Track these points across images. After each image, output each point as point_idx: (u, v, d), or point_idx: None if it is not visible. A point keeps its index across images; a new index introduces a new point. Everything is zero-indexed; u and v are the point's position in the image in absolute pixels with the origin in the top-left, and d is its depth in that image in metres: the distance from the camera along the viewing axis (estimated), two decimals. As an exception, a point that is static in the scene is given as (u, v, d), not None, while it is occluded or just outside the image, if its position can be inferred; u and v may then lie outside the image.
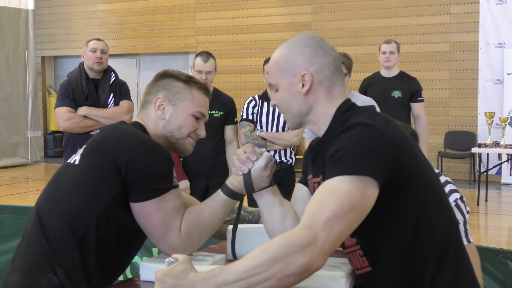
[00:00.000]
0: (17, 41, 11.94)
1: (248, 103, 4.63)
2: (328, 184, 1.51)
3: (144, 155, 1.82)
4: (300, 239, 1.41)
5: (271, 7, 11.14)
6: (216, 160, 4.53)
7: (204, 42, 11.62)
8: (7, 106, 11.72)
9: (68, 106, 4.42)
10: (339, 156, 1.51)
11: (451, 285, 1.61)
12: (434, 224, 1.61)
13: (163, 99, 2.02)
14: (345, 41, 10.36)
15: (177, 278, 1.41)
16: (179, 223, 1.87)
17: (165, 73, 2.09)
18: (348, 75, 4.17)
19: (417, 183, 1.60)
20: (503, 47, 9.38)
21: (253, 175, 1.85)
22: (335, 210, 1.45)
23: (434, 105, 9.67)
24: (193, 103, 2.03)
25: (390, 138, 1.55)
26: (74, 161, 1.91)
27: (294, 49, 1.74)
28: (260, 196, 1.88)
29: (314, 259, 1.40)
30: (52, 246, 1.80)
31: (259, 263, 1.39)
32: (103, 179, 1.81)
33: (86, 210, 1.80)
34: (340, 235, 1.46)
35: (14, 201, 7.86)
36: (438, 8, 9.89)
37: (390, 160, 1.53)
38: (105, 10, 12.84)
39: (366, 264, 1.65)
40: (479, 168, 8.07)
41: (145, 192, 1.82)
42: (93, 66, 4.48)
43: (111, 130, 1.95)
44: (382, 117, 1.63)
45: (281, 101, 1.75)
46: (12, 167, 11.63)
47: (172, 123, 2.01)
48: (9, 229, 4.44)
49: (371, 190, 1.49)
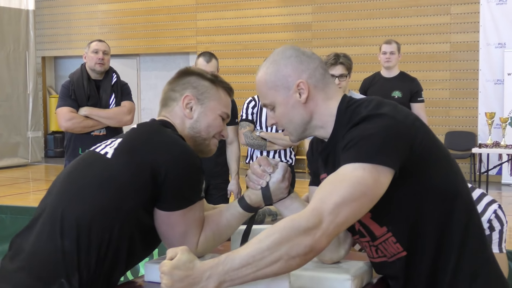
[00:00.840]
0: (18, 42, 11.94)
1: (248, 103, 4.63)
2: (340, 170, 1.52)
3: (183, 166, 1.76)
4: (306, 220, 1.43)
5: (272, 7, 11.14)
6: (216, 160, 4.54)
7: (204, 43, 11.62)
8: (8, 106, 11.72)
9: (70, 106, 4.44)
10: (352, 144, 1.53)
11: (471, 275, 1.65)
12: (457, 213, 1.64)
13: (191, 97, 1.95)
14: (346, 41, 10.36)
15: (185, 269, 1.42)
16: (199, 235, 1.84)
17: (189, 70, 2.02)
18: (348, 76, 4.17)
19: (438, 158, 1.63)
20: (504, 47, 9.38)
21: (271, 187, 1.82)
22: (344, 195, 1.46)
23: (434, 105, 9.67)
24: (220, 104, 1.99)
25: (404, 123, 1.57)
26: (106, 153, 1.81)
27: (280, 63, 1.72)
28: (282, 204, 1.87)
29: (318, 240, 1.43)
30: (68, 247, 1.68)
31: (265, 246, 1.41)
32: (136, 182, 1.73)
33: (115, 210, 1.72)
34: (347, 219, 1.48)
35: (15, 202, 7.86)
36: (438, 8, 9.89)
37: (407, 145, 1.55)
38: (106, 10, 12.84)
39: (401, 249, 1.66)
40: (480, 168, 8.07)
41: (174, 202, 1.77)
42: (95, 67, 4.51)
43: (150, 132, 1.86)
44: (390, 104, 1.64)
45: (281, 117, 1.74)
46: (12, 167, 11.62)
47: (201, 123, 1.95)
48: (9, 229, 4.44)
49: (384, 177, 1.50)
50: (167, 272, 1.42)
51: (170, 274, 1.42)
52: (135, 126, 1.94)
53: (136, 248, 1.82)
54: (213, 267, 1.41)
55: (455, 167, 1.70)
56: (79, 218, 1.71)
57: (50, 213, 1.75)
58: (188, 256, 1.44)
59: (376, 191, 1.50)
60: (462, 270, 1.64)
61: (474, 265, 1.66)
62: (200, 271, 1.42)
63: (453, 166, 1.69)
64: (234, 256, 1.42)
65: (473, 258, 1.66)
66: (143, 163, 1.75)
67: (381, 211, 1.58)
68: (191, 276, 1.41)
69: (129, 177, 1.75)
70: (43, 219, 1.77)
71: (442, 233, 1.63)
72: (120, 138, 1.88)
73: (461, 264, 1.64)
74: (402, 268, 1.69)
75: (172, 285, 1.42)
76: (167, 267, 1.43)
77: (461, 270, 1.64)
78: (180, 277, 1.41)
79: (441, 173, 1.64)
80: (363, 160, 1.49)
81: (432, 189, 1.62)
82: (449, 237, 1.64)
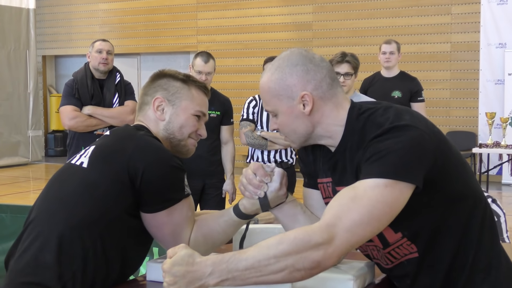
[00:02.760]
0: (18, 40, 11.93)
1: (249, 103, 4.63)
2: (360, 186, 1.48)
3: (158, 167, 1.77)
4: (319, 236, 1.40)
5: (272, 7, 11.13)
6: (211, 159, 4.55)
7: (205, 42, 11.62)
8: (8, 105, 11.71)
9: (73, 105, 4.46)
10: (377, 158, 1.49)
11: (485, 268, 1.65)
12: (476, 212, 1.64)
13: (161, 100, 1.95)
14: (346, 40, 10.35)
15: (186, 264, 1.41)
16: (189, 235, 1.84)
17: (161, 73, 2.02)
18: (355, 75, 4.18)
19: (455, 163, 1.62)
20: (504, 47, 9.38)
21: (269, 197, 1.78)
22: (363, 214, 1.43)
23: (435, 105, 9.67)
24: (193, 103, 1.97)
25: (427, 133, 1.54)
26: (81, 163, 1.83)
27: (285, 71, 1.65)
28: (279, 210, 1.84)
29: (328, 257, 1.41)
30: (61, 255, 1.71)
31: (272, 254, 1.39)
32: (116, 189, 1.75)
33: (97, 219, 1.74)
34: (364, 238, 1.46)
35: (15, 201, 7.86)
36: (439, 8, 9.89)
37: (431, 157, 1.52)
38: (106, 9, 12.83)
39: (415, 250, 1.64)
40: (480, 168, 8.07)
41: (157, 203, 1.78)
42: (99, 66, 4.53)
43: (124, 137, 1.86)
44: (407, 112, 1.60)
45: (284, 125, 1.70)
46: (13, 166, 11.62)
47: (173, 124, 1.94)
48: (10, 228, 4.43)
49: (406, 193, 1.48)
50: (168, 269, 1.42)
51: (171, 271, 1.42)
52: (108, 133, 1.95)
53: (128, 251, 1.83)
54: (215, 264, 1.41)
55: (466, 166, 1.69)
56: (61, 233, 1.73)
57: (32, 229, 1.78)
58: (187, 251, 1.44)
59: (395, 208, 1.47)
60: (478, 264, 1.64)
61: (488, 259, 1.66)
62: (201, 266, 1.41)
63: (465, 165, 1.68)
64: (240, 257, 1.41)
65: (488, 251, 1.66)
66: (119, 169, 1.75)
67: (398, 219, 1.53)
68: (192, 271, 1.41)
69: (107, 185, 1.76)
70: (26, 235, 1.80)
71: (461, 234, 1.63)
72: (93, 145, 1.88)
73: (477, 259, 1.64)
74: (412, 268, 1.68)
75: (176, 282, 1.41)
76: (167, 265, 1.43)
77: (477, 264, 1.64)
78: (182, 273, 1.41)
79: (459, 178, 1.62)
80: (386, 176, 1.46)
81: (452, 195, 1.60)
82: (467, 237, 1.63)
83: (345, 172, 1.65)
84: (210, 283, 1.41)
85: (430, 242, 1.63)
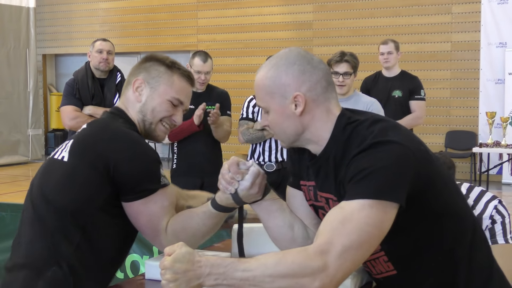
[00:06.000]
0: (18, 39, 11.92)
1: (249, 101, 4.63)
2: (347, 207, 1.47)
3: (131, 157, 1.81)
4: (315, 263, 1.40)
5: (273, 6, 11.12)
6: (211, 155, 4.53)
7: (205, 41, 11.61)
8: (8, 104, 11.71)
9: (74, 105, 4.47)
10: (361, 177, 1.47)
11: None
12: (460, 226, 1.62)
13: (141, 81, 1.98)
14: (346, 40, 10.35)
15: (187, 262, 1.42)
16: (165, 224, 1.85)
17: (150, 56, 2.05)
18: (354, 75, 4.18)
19: (439, 180, 1.60)
20: (505, 46, 9.37)
21: (240, 194, 1.77)
22: (353, 239, 1.42)
23: (435, 104, 9.67)
24: (172, 89, 1.97)
25: (411, 150, 1.52)
26: (62, 157, 1.88)
27: (281, 69, 1.64)
28: (258, 206, 1.82)
29: (325, 287, 1.40)
30: (55, 241, 1.79)
31: (268, 274, 1.41)
32: (95, 180, 1.79)
33: (81, 210, 1.80)
34: (356, 263, 1.46)
35: (15, 199, 7.86)
36: (439, 8, 9.88)
37: (414, 174, 1.50)
38: (106, 8, 12.83)
39: (391, 268, 1.63)
40: (480, 167, 8.07)
41: (132, 193, 1.82)
42: (99, 66, 4.54)
43: (99, 128, 1.92)
44: (394, 127, 1.58)
45: (274, 124, 1.68)
46: (12, 165, 11.62)
47: (147, 106, 1.96)
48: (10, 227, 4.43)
49: (391, 213, 1.47)
50: (169, 266, 1.43)
51: (172, 268, 1.42)
52: (85, 126, 1.99)
53: (113, 241, 1.88)
54: (214, 266, 1.42)
55: (453, 185, 1.67)
56: (56, 221, 1.80)
57: (34, 218, 1.86)
58: (186, 248, 1.45)
59: (383, 229, 1.47)
60: (470, 285, 1.62)
61: (481, 280, 1.64)
62: (201, 265, 1.42)
63: (452, 184, 1.67)
64: (238, 267, 1.42)
65: (480, 272, 1.64)
66: (95, 160, 1.80)
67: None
68: (192, 269, 1.42)
69: (86, 175, 1.80)
70: (28, 225, 1.88)
71: (446, 254, 1.60)
72: (72, 139, 1.93)
73: (469, 280, 1.61)
74: (391, 285, 1.67)
75: (176, 278, 1.42)
76: (168, 262, 1.43)
77: (469, 285, 1.62)
78: (183, 270, 1.42)
79: (442, 194, 1.61)
80: (371, 197, 1.44)
81: (434, 211, 1.58)
82: (454, 257, 1.61)
83: (326, 179, 1.64)
84: (206, 283, 1.42)
85: (406, 261, 1.61)
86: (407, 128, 1.65)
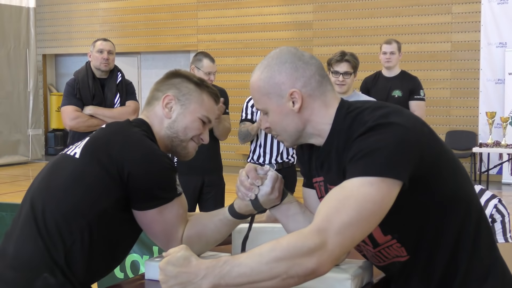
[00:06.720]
0: (18, 39, 11.93)
1: (248, 102, 4.63)
2: (347, 185, 1.46)
3: (146, 166, 1.77)
4: (311, 242, 1.38)
5: (273, 6, 11.13)
6: (210, 154, 4.53)
7: (205, 41, 11.62)
8: (8, 104, 11.72)
9: (74, 105, 4.47)
10: (360, 156, 1.46)
11: (482, 275, 1.62)
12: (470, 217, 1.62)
13: (172, 98, 1.96)
14: (346, 40, 10.35)
15: (179, 265, 1.41)
16: (181, 233, 1.84)
17: (177, 72, 2.04)
18: (354, 75, 4.19)
19: (447, 164, 1.59)
20: (505, 46, 9.37)
21: (260, 200, 1.77)
22: (352, 215, 1.41)
23: (435, 104, 9.67)
24: (202, 107, 1.97)
25: (413, 131, 1.51)
26: (74, 154, 1.85)
27: (274, 69, 1.66)
28: (277, 210, 1.83)
29: (323, 264, 1.39)
30: (48, 244, 1.74)
31: (265, 261, 1.38)
32: (104, 183, 1.76)
33: (85, 211, 1.76)
34: (354, 240, 1.44)
35: (15, 199, 7.86)
36: (439, 8, 9.88)
37: (417, 155, 1.49)
38: (107, 8, 12.83)
39: (404, 253, 1.62)
40: (480, 167, 8.08)
41: (147, 201, 1.79)
42: (100, 66, 4.54)
43: (115, 132, 1.88)
44: (396, 110, 1.58)
45: (274, 124, 1.69)
46: (13, 165, 11.63)
47: (178, 124, 1.95)
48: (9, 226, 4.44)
49: (393, 191, 1.45)
50: (162, 267, 1.43)
51: (164, 270, 1.43)
52: (104, 126, 1.98)
53: (116, 244, 1.86)
54: (209, 268, 1.40)
55: (462, 170, 1.66)
56: (53, 220, 1.76)
57: (30, 217, 1.80)
58: (184, 253, 1.44)
59: (384, 206, 1.45)
60: (473, 271, 1.62)
61: (484, 266, 1.63)
62: (195, 269, 1.41)
63: (460, 169, 1.66)
64: (234, 263, 1.39)
65: (484, 258, 1.63)
66: (107, 163, 1.77)
67: (388, 220, 1.50)
68: (185, 273, 1.41)
69: (95, 177, 1.77)
70: (20, 223, 1.83)
71: (454, 239, 1.60)
72: (88, 137, 1.92)
73: (473, 266, 1.61)
74: (404, 268, 1.66)
75: (167, 281, 1.42)
76: (161, 263, 1.44)
77: (473, 271, 1.62)
78: (174, 273, 1.41)
79: (450, 179, 1.60)
80: (371, 174, 1.43)
81: (442, 196, 1.58)
82: (461, 243, 1.60)
83: (332, 171, 1.63)
84: (202, 286, 1.39)
85: (421, 246, 1.60)
86: (411, 112, 1.64)
